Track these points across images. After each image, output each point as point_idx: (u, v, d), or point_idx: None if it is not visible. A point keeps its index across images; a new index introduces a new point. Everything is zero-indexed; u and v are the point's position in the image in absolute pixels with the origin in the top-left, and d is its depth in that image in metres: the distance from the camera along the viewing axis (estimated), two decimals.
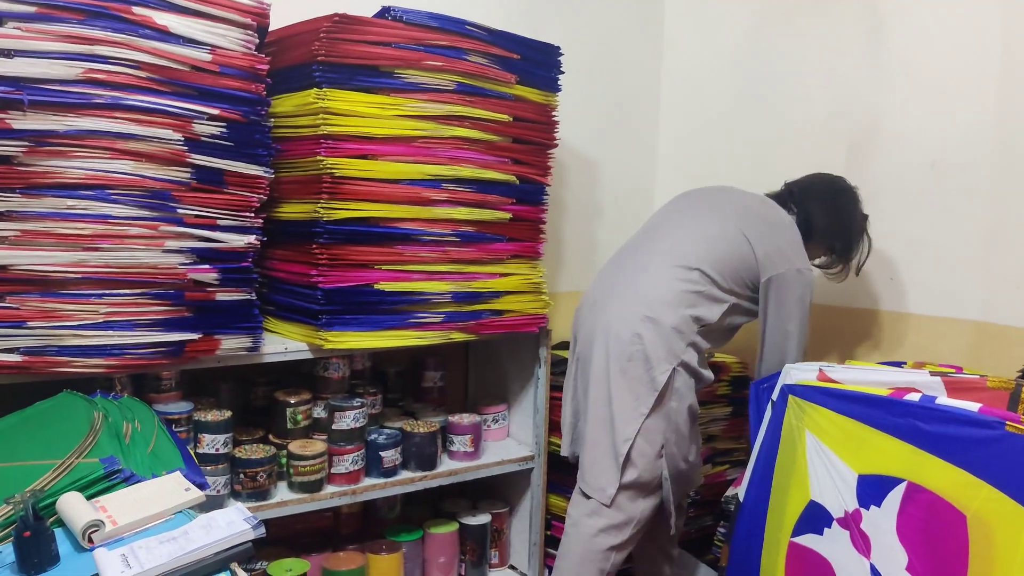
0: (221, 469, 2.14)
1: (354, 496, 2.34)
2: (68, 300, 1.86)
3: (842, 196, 2.50)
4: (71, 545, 1.30)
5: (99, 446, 1.54)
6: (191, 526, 1.28)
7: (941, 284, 2.56)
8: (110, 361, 1.90)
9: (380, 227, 2.25)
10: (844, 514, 1.93)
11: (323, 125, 2.13)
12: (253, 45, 2.03)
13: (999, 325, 2.42)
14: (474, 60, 2.34)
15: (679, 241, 2.35)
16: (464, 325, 2.42)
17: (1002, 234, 2.41)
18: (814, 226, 2.45)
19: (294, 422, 2.31)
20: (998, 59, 2.41)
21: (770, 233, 2.33)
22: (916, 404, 1.81)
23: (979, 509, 1.70)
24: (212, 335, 2.04)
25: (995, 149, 2.43)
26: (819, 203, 2.46)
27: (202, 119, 1.96)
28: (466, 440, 2.57)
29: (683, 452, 2.31)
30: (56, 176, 1.82)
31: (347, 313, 2.22)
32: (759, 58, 3.08)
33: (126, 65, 1.86)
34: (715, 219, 2.38)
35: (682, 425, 2.28)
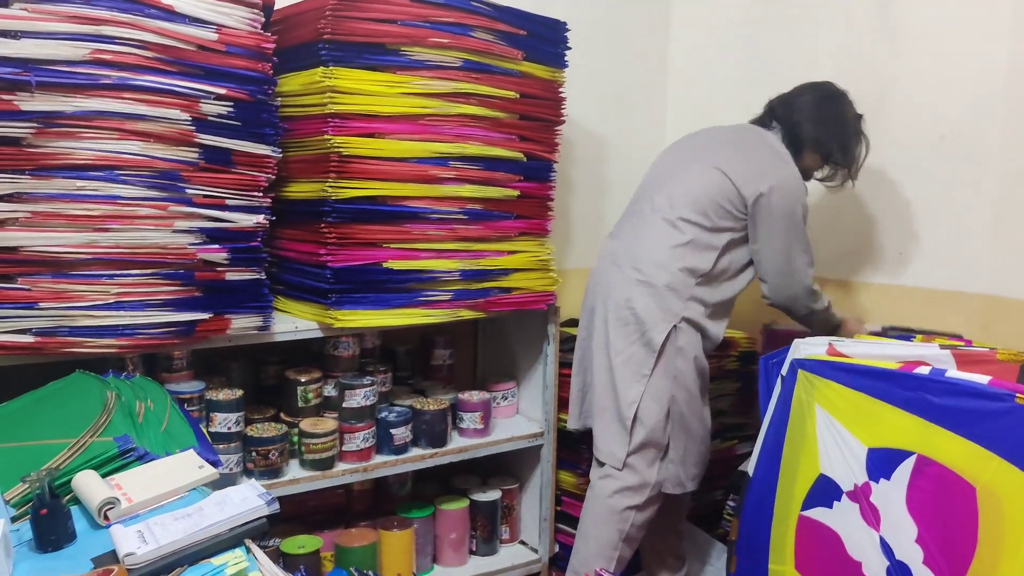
0: (233, 448, 2.15)
1: (365, 473, 2.35)
2: (79, 281, 1.87)
3: (827, 102, 2.46)
4: (87, 522, 1.32)
5: (113, 425, 1.55)
6: (206, 503, 1.30)
7: (950, 257, 2.56)
8: (122, 341, 1.92)
9: (388, 206, 2.25)
10: (854, 487, 1.93)
11: (330, 104, 2.13)
12: (259, 24, 2.03)
13: (1009, 298, 2.41)
14: (480, 36, 2.33)
15: (663, 196, 2.38)
16: (473, 303, 2.42)
17: (1011, 207, 2.40)
18: (802, 138, 2.42)
19: (305, 400, 2.32)
20: (1007, 30, 2.39)
21: (743, 157, 2.33)
22: (926, 377, 1.81)
23: (989, 481, 1.70)
24: (222, 315, 2.04)
25: (1004, 120, 2.41)
26: (803, 114, 2.43)
27: (209, 99, 1.96)
28: (476, 417, 2.58)
29: (695, 411, 2.31)
30: (65, 157, 1.82)
31: (356, 292, 2.22)
32: (767, 30, 3.06)
33: (133, 45, 1.85)
34: (692, 162, 2.41)
35: (691, 384, 2.28)
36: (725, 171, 2.30)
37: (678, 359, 2.25)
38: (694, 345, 2.29)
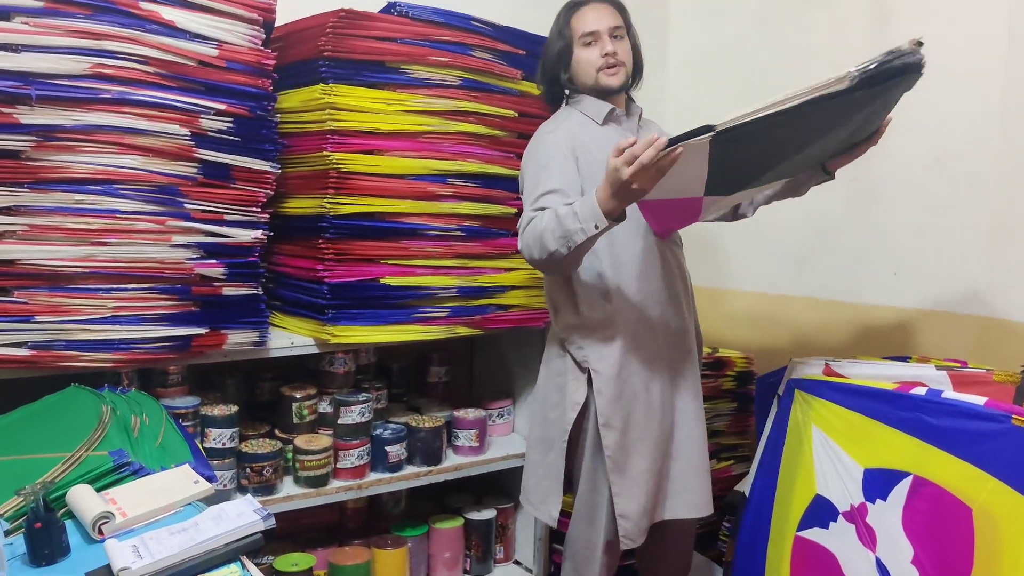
0: (227, 463, 2.15)
1: (359, 491, 2.34)
2: (76, 295, 1.86)
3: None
4: (81, 537, 1.31)
5: (108, 439, 1.55)
6: (201, 517, 1.29)
7: (946, 278, 2.56)
8: (117, 355, 1.91)
9: (386, 222, 2.25)
10: (850, 508, 1.93)
11: (329, 120, 2.14)
12: (260, 40, 2.04)
13: (1004, 319, 2.41)
14: (480, 56, 2.34)
15: None
16: (469, 319, 2.42)
17: (1007, 228, 2.41)
18: (548, 68, 2.17)
19: (300, 417, 2.32)
20: (1003, 52, 2.40)
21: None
22: (922, 398, 1.82)
23: (985, 502, 1.70)
24: (219, 330, 2.04)
25: (1000, 142, 2.42)
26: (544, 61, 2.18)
27: (209, 114, 1.96)
28: (471, 435, 2.57)
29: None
30: (64, 171, 1.82)
31: (353, 308, 2.22)
32: (764, 51, 3.08)
33: (133, 60, 1.86)
34: None
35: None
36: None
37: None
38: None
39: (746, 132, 1.62)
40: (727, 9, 3.18)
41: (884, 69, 1.65)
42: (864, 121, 1.85)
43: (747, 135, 1.64)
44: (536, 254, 1.90)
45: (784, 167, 1.90)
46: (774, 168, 1.87)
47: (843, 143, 1.96)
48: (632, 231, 2.05)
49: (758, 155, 1.78)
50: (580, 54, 2.12)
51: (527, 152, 2.12)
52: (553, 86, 2.18)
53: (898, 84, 1.75)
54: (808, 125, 1.71)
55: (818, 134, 1.78)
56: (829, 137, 1.83)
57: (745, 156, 1.75)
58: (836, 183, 2.82)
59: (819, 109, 1.64)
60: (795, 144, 1.78)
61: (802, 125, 1.70)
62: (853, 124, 1.82)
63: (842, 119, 1.76)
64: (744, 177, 1.86)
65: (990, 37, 2.43)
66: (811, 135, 1.77)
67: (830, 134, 1.82)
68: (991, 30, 2.42)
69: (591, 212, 1.77)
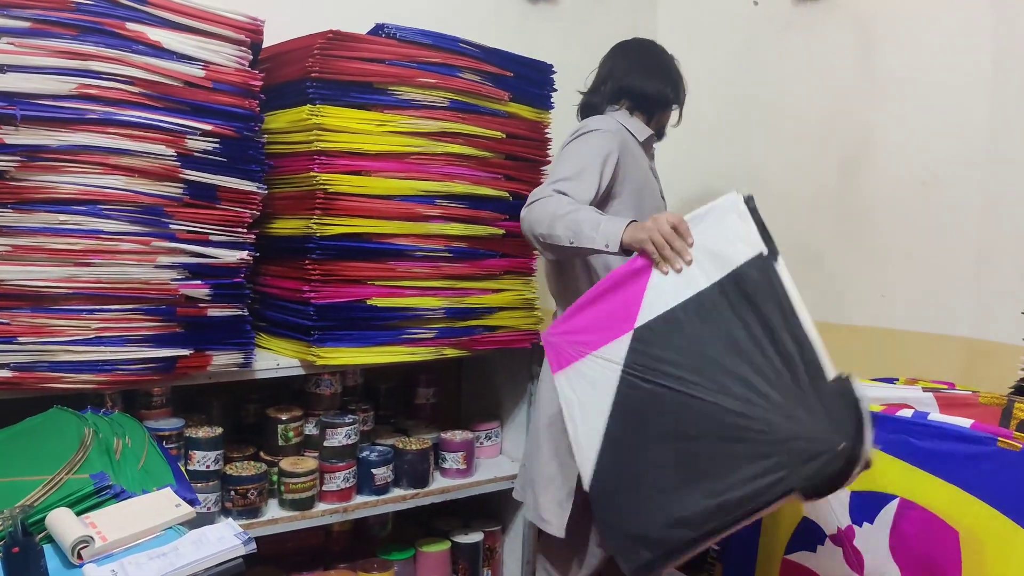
0: (212, 486, 2.13)
1: (345, 514, 2.32)
2: (59, 315, 1.85)
3: (638, 54, 2.38)
4: (60, 561, 1.30)
5: (89, 462, 1.53)
6: (182, 542, 1.28)
7: (933, 301, 2.57)
8: (101, 377, 1.89)
9: (373, 243, 2.24)
10: (837, 531, 1.93)
11: (316, 141, 2.14)
12: (247, 61, 2.04)
13: (991, 341, 2.42)
14: (467, 77, 2.34)
15: None
16: (457, 341, 2.41)
17: (994, 251, 2.42)
18: (646, 97, 2.31)
19: (285, 439, 2.30)
20: (989, 75, 2.42)
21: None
22: (909, 420, 1.82)
23: (971, 525, 1.70)
24: (204, 351, 2.03)
25: (986, 166, 2.44)
26: (634, 75, 2.32)
27: (195, 135, 1.96)
28: (459, 457, 2.56)
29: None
30: (48, 191, 1.81)
31: (339, 329, 2.21)
32: (751, 74, 3.10)
33: (119, 80, 1.86)
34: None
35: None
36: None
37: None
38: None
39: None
40: (714, 34, 3.20)
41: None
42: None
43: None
44: (537, 229, 1.95)
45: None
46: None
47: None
48: None
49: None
50: (669, 113, 2.40)
51: (579, 134, 2.16)
52: (639, 106, 2.32)
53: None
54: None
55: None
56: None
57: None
58: (823, 206, 2.84)
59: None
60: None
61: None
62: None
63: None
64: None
65: (976, 61, 2.44)
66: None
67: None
68: (977, 54, 2.44)
69: (612, 233, 1.81)
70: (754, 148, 3.08)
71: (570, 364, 1.83)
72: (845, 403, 1.49)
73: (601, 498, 1.80)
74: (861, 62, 2.75)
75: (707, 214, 1.71)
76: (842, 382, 1.51)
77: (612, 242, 1.82)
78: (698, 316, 1.67)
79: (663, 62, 2.37)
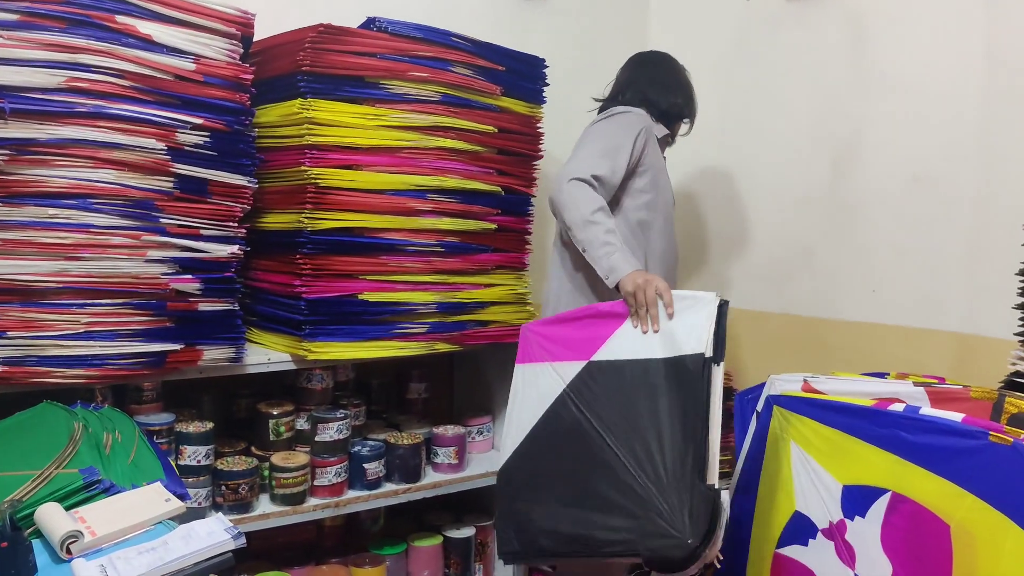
0: (203, 481, 2.12)
1: (337, 509, 2.32)
2: (49, 310, 1.84)
3: (656, 67, 2.56)
4: (49, 556, 1.29)
5: (79, 457, 1.52)
6: (171, 536, 1.27)
7: (924, 296, 2.58)
8: (91, 371, 1.89)
9: (364, 237, 2.24)
10: (829, 525, 1.93)
11: (308, 135, 2.13)
12: (237, 55, 2.03)
13: (982, 336, 2.43)
14: (459, 71, 2.34)
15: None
16: (449, 336, 2.41)
17: (984, 246, 2.43)
18: (664, 111, 2.48)
19: (277, 434, 2.29)
20: (980, 71, 2.43)
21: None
22: (900, 414, 1.82)
23: (963, 519, 1.70)
24: (194, 346, 2.02)
25: (977, 160, 2.44)
26: (654, 89, 2.49)
27: (186, 128, 1.95)
28: (451, 452, 2.55)
29: None
30: (38, 185, 1.80)
31: (331, 324, 2.21)
32: (743, 70, 3.10)
33: (109, 74, 1.85)
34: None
35: None
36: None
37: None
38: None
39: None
40: (706, 29, 3.21)
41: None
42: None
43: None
44: (564, 215, 2.19)
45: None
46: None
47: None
48: (663, 229, 2.42)
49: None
50: (680, 125, 2.57)
51: (609, 115, 2.35)
52: (662, 118, 2.48)
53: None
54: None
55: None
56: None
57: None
58: (815, 201, 2.85)
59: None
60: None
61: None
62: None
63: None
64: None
65: (967, 57, 2.45)
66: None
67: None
68: (968, 51, 2.45)
69: (616, 271, 2.08)
70: (745, 144, 3.08)
71: (532, 362, 2.12)
72: (708, 510, 1.78)
73: (503, 482, 2.13)
74: (852, 59, 2.75)
75: (688, 298, 1.97)
76: (713, 491, 1.80)
77: (612, 279, 2.09)
78: (640, 378, 1.94)
79: (680, 77, 2.55)
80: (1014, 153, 2.36)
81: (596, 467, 1.92)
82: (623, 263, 2.08)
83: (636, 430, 1.90)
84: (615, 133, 2.29)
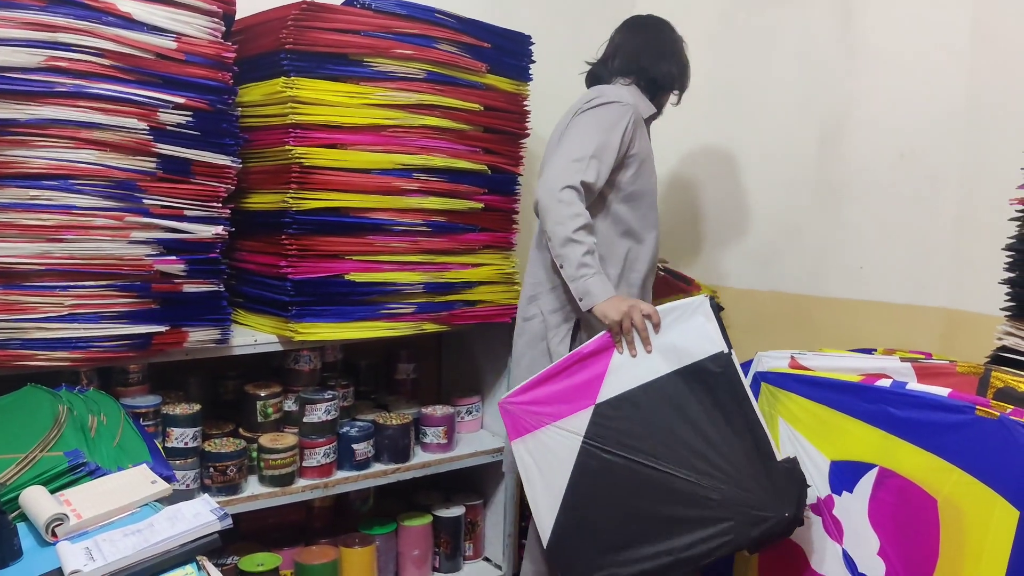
0: (190, 463, 2.11)
1: (326, 489, 2.32)
2: (32, 292, 1.82)
3: (651, 33, 2.42)
4: (35, 540, 1.28)
5: (64, 439, 1.51)
6: (157, 518, 1.27)
7: (910, 272, 2.58)
8: (75, 354, 1.87)
9: (350, 217, 2.22)
10: (817, 500, 1.94)
11: (291, 114, 2.11)
12: (219, 33, 2.01)
13: (968, 312, 2.43)
14: (444, 48, 2.32)
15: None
16: (436, 316, 2.40)
17: (970, 222, 2.43)
18: (654, 79, 2.36)
19: (264, 415, 2.29)
20: (968, 49, 2.42)
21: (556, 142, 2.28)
22: (887, 390, 1.83)
23: (950, 493, 1.71)
24: (180, 327, 2.01)
25: (963, 138, 2.44)
26: (646, 55, 2.36)
27: (168, 108, 1.93)
28: (439, 432, 2.55)
29: None
30: (18, 166, 1.78)
31: (317, 304, 2.20)
32: (731, 45, 3.09)
33: (89, 53, 1.82)
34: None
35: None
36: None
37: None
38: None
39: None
40: (693, 5, 3.18)
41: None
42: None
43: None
44: (547, 225, 2.10)
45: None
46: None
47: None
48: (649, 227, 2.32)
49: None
50: (670, 95, 2.46)
51: (596, 103, 2.21)
52: (645, 84, 2.36)
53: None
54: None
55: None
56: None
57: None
58: (801, 179, 2.84)
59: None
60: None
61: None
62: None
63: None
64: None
65: (953, 34, 2.44)
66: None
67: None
68: (954, 28, 2.44)
69: (591, 295, 2.03)
70: (732, 121, 3.07)
71: (529, 432, 2.02)
72: (792, 480, 1.81)
73: (559, 556, 2.03)
74: (839, 35, 2.74)
75: (676, 309, 1.95)
76: (790, 462, 1.83)
77: (585, 302, 2.05)
78: (659, 398, 1.92)
79: (674, 45, 2.42)
80: (1000, 130, 2.35)
81: (653, 497, 1.89)
82: (598, 289, 2.03)
83: (681, 445, 1.88)
84: (601, 128, 2.18)
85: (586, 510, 1.97)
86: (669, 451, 1.89)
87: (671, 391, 1.91)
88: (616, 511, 1.94)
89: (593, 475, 1.95)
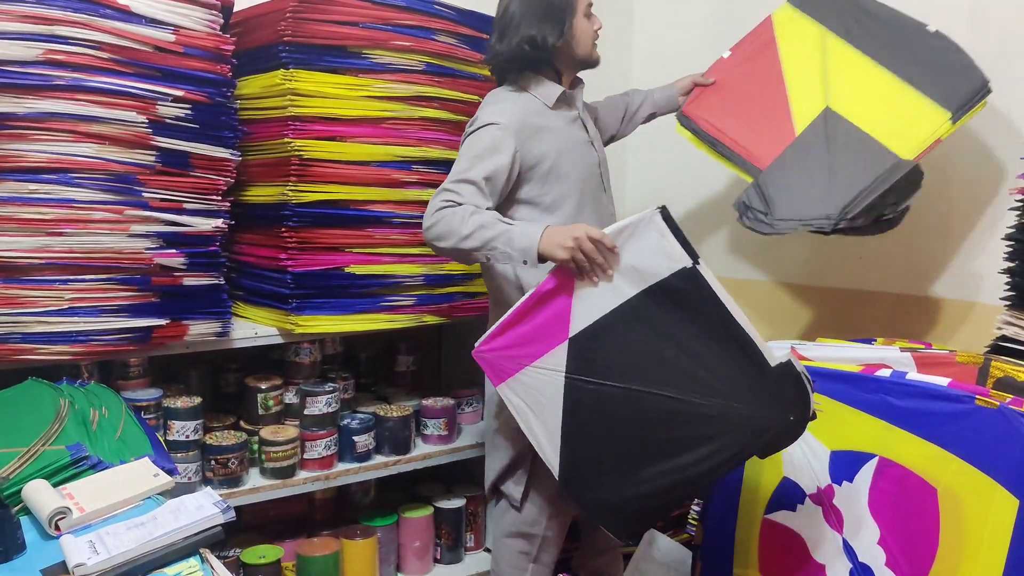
0: (192, 456, 2.11)
1: (327, 481, 2.32)
2: (32, 286, 1.82)
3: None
4: (38, 533, 1.29)
5: (65, 433, 1.52)
6: (160, 511, 1.27)
7: (909, 262, 2.58)
8: (76, 348, 1.87)
9: (350, 210, 2.22)
10: (817, 490, 1.94)
11: (290, 106, 2.11)
12: (218, 25, 2.00)
13: (967, 301, 2.43)
14: (443, 40, 2.32)
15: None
16: (436, 308, 2.40)
17: (971, 212, 2.43)
18: (536, 47, 2.02)
19: (265, 408, 2.29)
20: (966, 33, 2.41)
21: None
22: (887, 380, 1.83)
23: (949, 483, 1.71)
24: (180, 320, 2.01)
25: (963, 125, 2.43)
26: (526, 22, 2.01)
27: (166, 101, 1.92)
28: (440, 424, 2.56)
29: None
30: (17, 160, 1.78)
31: (318, 297, 2.20)
32: (730, 36, 3.07)
33: (87, 46, 1.82)
34: None
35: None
36: None
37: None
38: None
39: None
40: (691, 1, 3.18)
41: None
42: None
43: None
44: (445, 243, 1.90)
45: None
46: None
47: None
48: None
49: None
50: (582, 23, 2.07)
51: (471, 128, 2.04)
52: (535, 50, 2.01)
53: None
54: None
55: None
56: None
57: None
58: None
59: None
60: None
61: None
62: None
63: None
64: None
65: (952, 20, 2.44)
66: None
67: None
68: (953, 12, 2.44)
69: (526, 249, 1.83)
70: None
71: (511, 376, 1.95)
72: (790, 382, 1.70)
73: (573, 487, 1.96)
74: None
75: (626, 228, 1.80)
76: (784, 365, 1.70)
77: (530, 258, 1.84)
78: (633, 321, 1.81)
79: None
80: (1000, 118, 2.35)
81: (650, 421, 1.81)
82: (530, 232, 1.83)
83: (666, 365, 1.79)
84: (474, 155, 1.97)
85: (588, 443, 1.91)
86: (655, 373, 1.80)
87: (644, 312, 1.80)
88: (616, 439, 1.88)
89: (586, 409, 1.88)
